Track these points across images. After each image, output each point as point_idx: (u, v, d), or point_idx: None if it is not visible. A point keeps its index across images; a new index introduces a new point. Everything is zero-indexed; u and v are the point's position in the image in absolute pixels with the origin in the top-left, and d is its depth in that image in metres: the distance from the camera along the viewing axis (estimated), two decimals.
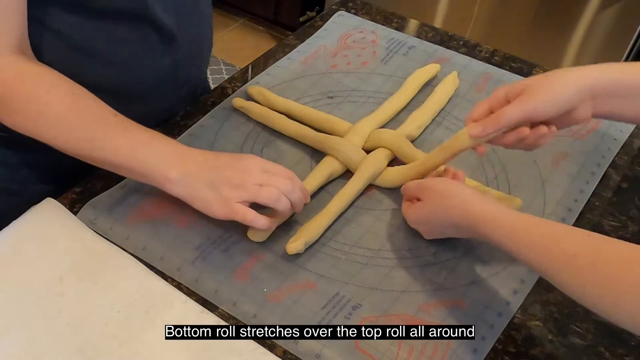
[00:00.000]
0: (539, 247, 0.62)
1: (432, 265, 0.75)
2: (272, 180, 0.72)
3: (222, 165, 0.73)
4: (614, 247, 0.58)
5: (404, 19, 1.16)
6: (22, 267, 0.72)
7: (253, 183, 0.72)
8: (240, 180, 0.72)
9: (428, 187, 0.76)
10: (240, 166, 0.73)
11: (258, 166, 0.73)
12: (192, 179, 0.72)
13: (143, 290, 0.71)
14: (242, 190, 0.71)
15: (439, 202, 0.73)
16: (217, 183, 0.72)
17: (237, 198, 0.71)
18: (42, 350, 0.65)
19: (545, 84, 0.71)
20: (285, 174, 0.74)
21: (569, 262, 0.59)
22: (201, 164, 0.73)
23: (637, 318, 0.54)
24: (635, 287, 0.54)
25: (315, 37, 1.09)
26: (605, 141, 0.93)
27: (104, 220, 0.77)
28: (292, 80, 1.00)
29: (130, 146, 0.73)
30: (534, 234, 0.64)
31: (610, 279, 0.56)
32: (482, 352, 0.68)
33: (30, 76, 0.73)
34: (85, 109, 0.74)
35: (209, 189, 0.72)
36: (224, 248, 0.75)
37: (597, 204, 0.85)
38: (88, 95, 0.74)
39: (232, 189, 0.71)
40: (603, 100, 0.72)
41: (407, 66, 1.03)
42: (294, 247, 0.74)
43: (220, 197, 0.71)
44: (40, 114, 0.72)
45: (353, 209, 0.81)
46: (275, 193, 0.72)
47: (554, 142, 0.91)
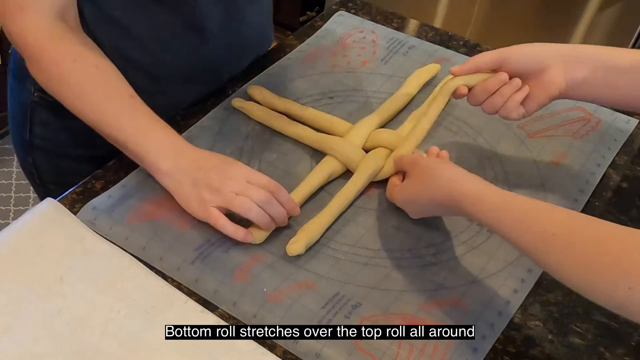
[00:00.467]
0: (520, 226, 0.63)
1: (432, 265, 0.75)
2: (249, 190, 0.74)
3: (210, 167, 0.75)
4: (592, 226, 0.59)
5: (404, 19, 1.16)
6: (22, 267, 0.72)
7: (230, 190, 0.74)
8: (219, 184, 0.74)
9: (415, 162, 0.77)
10: (224, 171, 0.75)
11: (242, 175, 0.75)
12: (180, 174, 0.75)
13: (143, 290, 0.71)
14: (218, 195, 0.74)
15: (423, 180, 0.74)
16: (200, 183, 0.74)
17: (212, 202, 0.74)
18: (42, 350, 0.65)
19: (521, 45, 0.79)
20: (268, 186, 0.75)
21: (548, 240, 0.60)
22: (192, 162, 0.76)
23: (613, 295, 0.55)
24: (612, 265, 0.54)
25: (315, 37, 1.09)
26: (605, 141, 0.93)
27: (104, 220, 0.77)
28: (292, 80, 1.00)
29: (134, 130, 0.77)
30: (515, 212, 0.64)
31: (588, 257, 0.57)
32: (482, 352, 0.68)
33: (63, 42, 0.77)
34: (104, 84, 0.78)
35: (191, 187, 0.75)
36: (224, 249, 0.75)
37: (597, 204, 0.85)
38: (112, 71, 0.79)
39: (211, 192, 0.74)
40: (573, 67, 0.77)
41: (407, 66, 1.03)
42: (294, 249, 0.74)
43: (199, 197, 0.74)
44: (62, 80, 0.77)
45: (353, 209, 0.81)
46: (247, 203, 0.73)
47: (553, 142, 0.91)
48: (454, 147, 0.90)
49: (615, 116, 0.97)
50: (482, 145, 0.91)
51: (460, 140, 0.91)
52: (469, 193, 0.68)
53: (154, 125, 0.78)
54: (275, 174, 0.84)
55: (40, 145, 0.97)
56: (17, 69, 0.95)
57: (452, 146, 0.90)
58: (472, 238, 0.78)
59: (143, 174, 0.83)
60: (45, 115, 0.94)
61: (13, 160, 2.16)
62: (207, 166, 0.75)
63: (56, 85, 0.78)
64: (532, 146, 0.90)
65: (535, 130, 0.92)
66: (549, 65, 0.78)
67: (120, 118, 0.77)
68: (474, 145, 0.91)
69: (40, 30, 0.76)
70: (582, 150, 0.91)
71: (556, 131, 0.92)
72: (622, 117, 0.97)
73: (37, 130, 0.96)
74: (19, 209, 2.03)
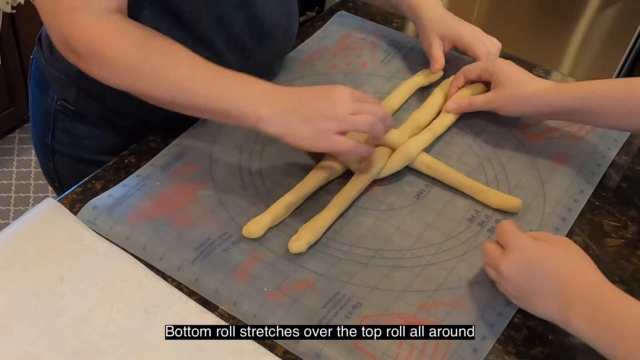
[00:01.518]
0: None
1: (432, 265, 0.75)
2: (364, 107, 0.74)
3: (312, 98, 0.74)
4: None
5: (404, 19, 1.16)
6: (22, 267, 0.72)
7: (346, 112, 0.73)
8: (333, 111, 0.73)
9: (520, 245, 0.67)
10: (329, 97, 0.74)
11: (347, 94, 0.74)
12: (284, 116, 0.73)
13: (143, 290, 0.71)
14: (336, 121, 0.72)
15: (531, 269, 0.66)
16: (311, 117, 0.72)
17: (333, 129, 0.72)
18: (42, 350, 0.65)
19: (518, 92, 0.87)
20: (373, 101, 0.77)
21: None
22: (291, 99, 0.74)
23: None
24: None
25: (315, 37, 1.09)
26: (605, 141, 0.93)
27: (104, 220, 0.77)
28: (292, 80, 0.99)
29: (220, 90, 0.74)
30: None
31: None
32: (483, 352, 0.68)
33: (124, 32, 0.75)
34: (176, 58, 0.75)
35: (302, 124, 0.72)
36: (224, 248, 0.75)
37: (597, 204, 0.85)
38: (177, 44, 0.76)
39: (327, 120, 0.72)
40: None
41: (407, 68, 1.03)
42: (297, 246, 0.74)
43: (317, 129, 0.72)
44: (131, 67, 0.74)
45: (353, 208, 0.81)
46: (370, 119, 0.74)
47: (553, 143, 0.91)
48: (454, 147, 0.90)
49: None
50: (482, 146, 0.91)
51: (460, 141, 0.91)
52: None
53: (238, 79, 0.75)
54: (275, 173, 0.85)
55: (61, 150, 0.98)
56: (40, 76, 0.95)
57: (452, 146, 0.90)
58: (472, 238, 0.78)
59: (143, 174, 0.83)
60: (68, 123, 0.95)
61: (13, 161, 2.16)
62: (309, 98, 0.74)
63: (124, 74, 0.75)
64: (532, 148, 0.90)
65: (534, 133, 0.92)
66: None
67: (202, 83, 0.74)
68: (474, 145, 0.91)
69: (99, 27, 0.74)
70: (582, 151, 0.91)
71: (555, 134, 0.92)
72: None
73: (59, 136, 0.97)
74: (19, 209, 2.03)
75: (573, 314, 0.62)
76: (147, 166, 0.85)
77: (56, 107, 0.94)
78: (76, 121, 0.95)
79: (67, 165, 1.00)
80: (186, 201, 0.80)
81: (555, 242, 0.68)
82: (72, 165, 0.99)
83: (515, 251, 0.66)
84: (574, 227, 0.81)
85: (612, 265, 0.77)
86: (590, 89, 0.83)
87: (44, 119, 0.97)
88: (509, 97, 0.88)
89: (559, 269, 0.64)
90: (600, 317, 0.61)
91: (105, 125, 0.95)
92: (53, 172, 1.02)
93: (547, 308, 0.65)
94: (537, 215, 0.81)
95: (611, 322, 0.60)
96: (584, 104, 0.83)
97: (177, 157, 0.86)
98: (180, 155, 0.86)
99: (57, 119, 0.95)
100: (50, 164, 1.01)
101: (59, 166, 1.00)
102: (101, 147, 0.96)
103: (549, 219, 0.81)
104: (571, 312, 0.62)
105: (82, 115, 0.91)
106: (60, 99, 0.93)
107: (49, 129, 0.97)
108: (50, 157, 1.00)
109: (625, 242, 0.80)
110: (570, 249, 0.67)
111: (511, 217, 0.81)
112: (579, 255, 0.67)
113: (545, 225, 0.80)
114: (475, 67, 0.93)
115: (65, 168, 1.00)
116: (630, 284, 0.76)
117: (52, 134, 0.97)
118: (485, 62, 0.93)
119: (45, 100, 0.95)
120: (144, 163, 0.85)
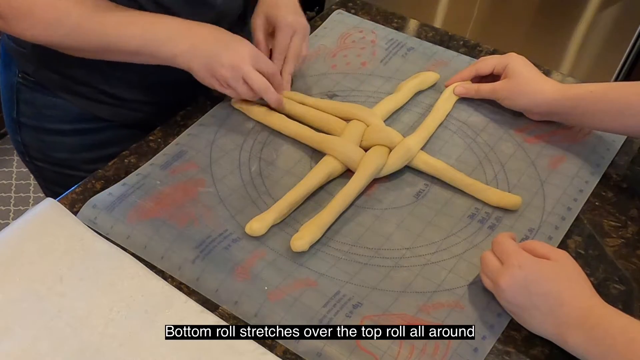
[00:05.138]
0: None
1: (432, 265, 0.75)
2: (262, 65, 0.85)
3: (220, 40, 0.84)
4: None
5: (404, 18, 1.16)
6: (22, 267, 0.72)
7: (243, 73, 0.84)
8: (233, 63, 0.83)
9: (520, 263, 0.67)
10: (232, 48, 0.83)
11: (248, 54, 0.84)
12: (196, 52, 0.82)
13: (143, 290, 0.71)
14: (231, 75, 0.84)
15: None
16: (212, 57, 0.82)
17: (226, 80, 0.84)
18: (42, 350, 0.65)
19: (523, 87, 0.91)
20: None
21: None
22: (205, 37, 0.83)
23: None
24: None
25: (315, 36, 1.09)
26: (604, 142, 0.93)
27: (104, 219, 0.77)
28: (292, 80, 0.99)
29: (141, 30, 0.82)
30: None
31: None
32: (483, 352, 0.68)
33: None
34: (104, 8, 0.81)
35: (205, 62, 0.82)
36: (225, 246, 0.75)
37: (597, 204, 0.85)
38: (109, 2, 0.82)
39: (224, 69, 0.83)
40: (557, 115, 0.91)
41: (406, 69, 1.03)
42: (300, 245, 0.74)
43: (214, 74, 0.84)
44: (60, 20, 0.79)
45: (353, 208, 0.81)
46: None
47: (552, 145, 0.91)
48: (454, 146, 0.90)
49: None
50: (482, 146, 0.91)
51: (460, 140, 0.91)
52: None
53: (158, 18, 0.83)
54: (274, 173, 0.85)
55: (26, 123, 1.01)
56: (3, 52, 0.99)
57: (452, 145, 0.90)
58: (471, 236, 0.78)
59: (143, 173, 0.83)
60: (30, 94, 0.98)
61: (13, 161, 2.16)
62: (219, 39, 0.83)
63: (56, 29, 0.80)
64: (531, 149, 0.90)
65: (533, 135, 0.92)
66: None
67: (126, 26, 0.81)
68: (474, 145, 0.91)
69: None
70: (581, 152, 0.91)
71: (553, 137, 0.92)
72: None
73: (23, 108, 1.00)
74: (19, 209, 2.03)
75: (570, 336, 0.64)
76: (147, 165, 0.85)
77: (18, 79, 0.97)
78: (37, 92, 0.97)
79: (33, 137, 1.02)
80: (186, 199, 0.80)
81: (554, 258, 0.68)
82: (38, 137, 1.02)
83: (515, 268, 0.66)
84: (573, 227, 0.81)
85: (612, 265, 0.77)
86: (588, 89, 0.85)
87: (9, 93, 1.00)
88: (514, 89, 0.91)
89: (557, 290, 0.65)
90: (599, 339, 0.62)
91: (65, 95, 0.97)
92: (22, 146, 1.04)
93: (543, 327, 0.66)
94: (537, 214, 0.81)
95: (610, 343, 0.61)
96: (580, 103, 0.85)
97: (176, 155, 0.86)
98: (180, 154, 0.86)
99: (20, 92, 0.98)
100: (19, 138, 1.04)
101: (26, 139, 1.03)
102: (62, 116, 0.99)
103: (549, 218, 0.81)
104: (569, 333, 0.64)
105: (42, 86, 0.94)
106: (21, 72, 0.97)
107: (14, 102, 1.00)
108: (18, 131, 1.03)
109: (625, 242, 0.80)
110: (567, 268, 0.67)
111: (511, 215, 0.81)
112: (576, 274, 0.67)
113: (544, 223, 0.80)
114: (491, 59, 0.95)
115: (31, 140, 1.03)
116: (630, 284, 0.76)
117: (17, 108, 1.00)
118: (501, 56, 0.95)
119: (8, 75, 0.99)
120: (144, 163, 0.85)
